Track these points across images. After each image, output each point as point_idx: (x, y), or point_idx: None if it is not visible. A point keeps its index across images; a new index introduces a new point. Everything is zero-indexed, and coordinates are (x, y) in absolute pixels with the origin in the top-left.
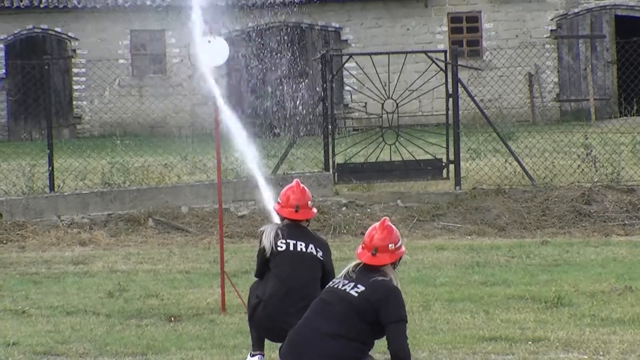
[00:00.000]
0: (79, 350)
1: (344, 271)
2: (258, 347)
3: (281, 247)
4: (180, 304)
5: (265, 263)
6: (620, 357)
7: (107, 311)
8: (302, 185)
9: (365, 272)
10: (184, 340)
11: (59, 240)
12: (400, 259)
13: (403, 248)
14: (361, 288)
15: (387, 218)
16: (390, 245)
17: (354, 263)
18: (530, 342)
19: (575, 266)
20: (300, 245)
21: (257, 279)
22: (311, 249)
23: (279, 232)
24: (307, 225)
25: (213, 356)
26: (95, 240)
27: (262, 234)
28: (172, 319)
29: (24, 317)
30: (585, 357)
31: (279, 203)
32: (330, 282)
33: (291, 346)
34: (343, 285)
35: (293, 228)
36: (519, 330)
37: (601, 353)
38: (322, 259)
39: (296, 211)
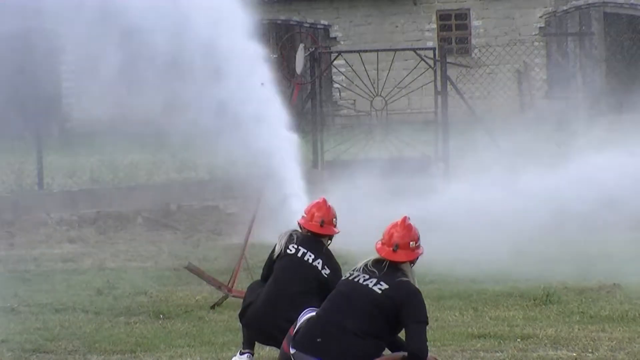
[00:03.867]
0: (68, 347)
1: (361, 264)
2: (248, 345)
3: (290, 250)
4: (169, 301)
5: (272, 265)
6: (609, 354)
7: (96, 308)
8: (328, 202)
9: (387, 269)
10: (173, 338)
11: (48, 237)
12: (417, 258)
13: (422, 248)
14: (385, 286)
15: (408, 216)
16: (411, 243)
17: (373, 257)
18: (519, 340)
19: (564, 263)
20: (309, 256)
21: (261, 280)
22: (317, 263)
23: (294, 236)
24: (328, 244)
25: (202, 353)
26: (84, 238)
27: (279, 236)
28: (161, 316)
29: (12, 315)
30: (574, 354)
31: (303, 217)
32: (347, 274)
33: (311, 340)
34: (364, 280)
35: (310, 239)
36: (508, 328)
37: (590, 350)
38: (326, 276)
39: (321, 226)
